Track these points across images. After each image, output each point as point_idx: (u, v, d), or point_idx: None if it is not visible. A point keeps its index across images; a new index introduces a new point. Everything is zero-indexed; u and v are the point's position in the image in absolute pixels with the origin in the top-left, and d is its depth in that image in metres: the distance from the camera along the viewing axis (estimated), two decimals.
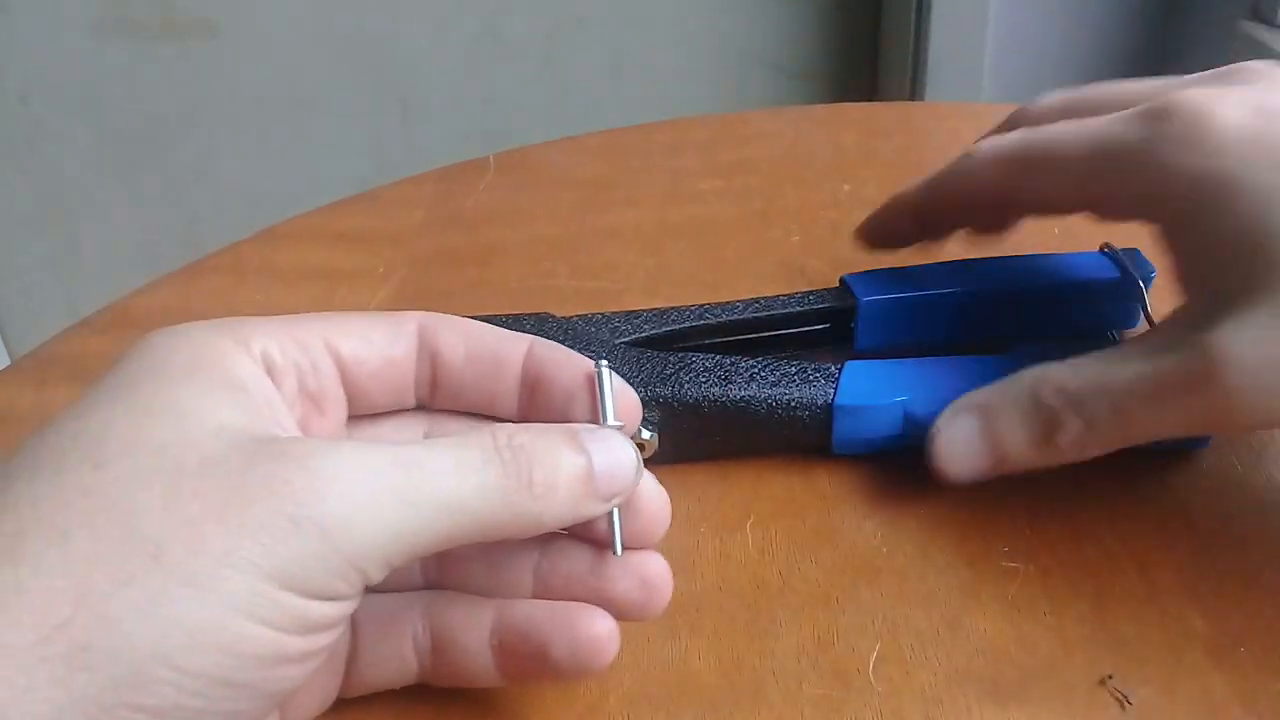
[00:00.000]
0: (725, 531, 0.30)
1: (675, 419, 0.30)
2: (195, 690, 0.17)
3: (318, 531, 0.18)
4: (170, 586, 0.17)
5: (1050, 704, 0.24)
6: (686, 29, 1.27)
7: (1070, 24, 1.19)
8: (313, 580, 0.18)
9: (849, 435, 0.30)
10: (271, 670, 0.18)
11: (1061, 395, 0.26)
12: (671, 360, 0.30)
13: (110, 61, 1.13)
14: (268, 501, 0.18)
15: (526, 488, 0.20)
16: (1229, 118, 0.24)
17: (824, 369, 0.30)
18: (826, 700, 0.25)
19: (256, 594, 0.17)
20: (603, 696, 0.25)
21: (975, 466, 0.27)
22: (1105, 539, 0.28)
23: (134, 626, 0.17)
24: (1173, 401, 0.24)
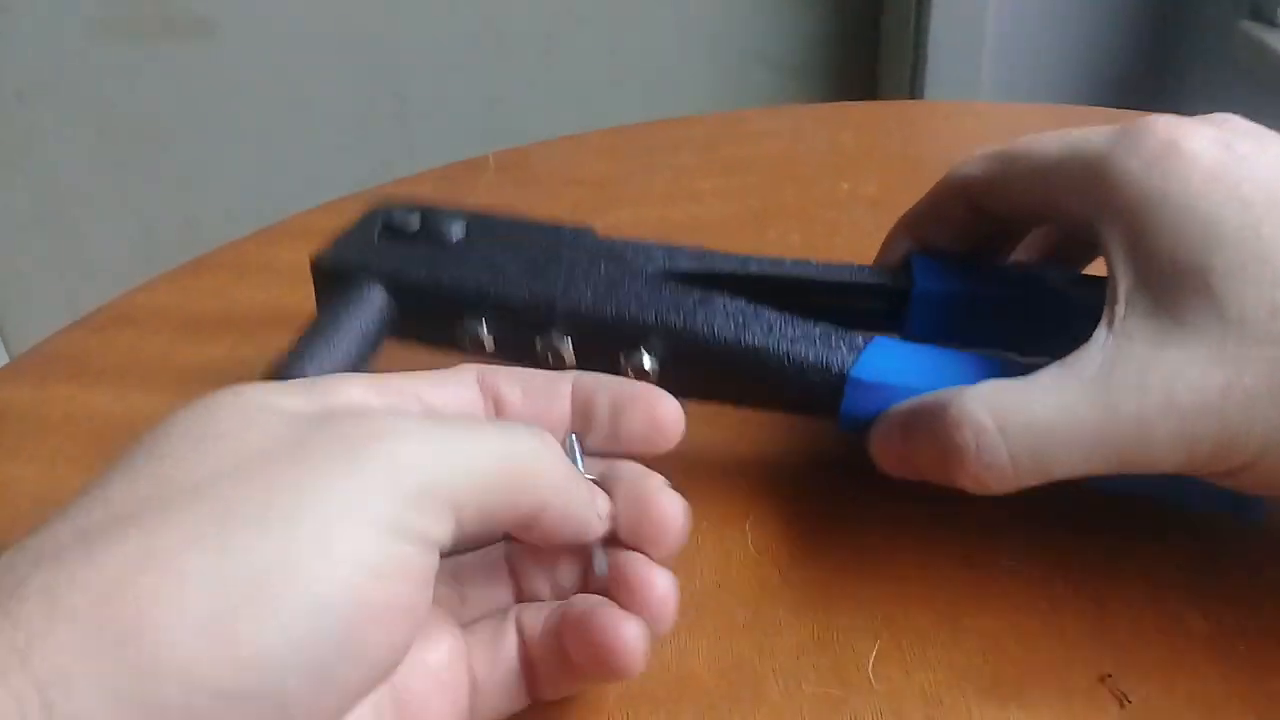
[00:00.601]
0: (725, 530, 0.30)
1: (681, 353, 0.28)
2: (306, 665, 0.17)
3: (390, 465, 0.18)
4: (240, 532, 0.17)
5: (1050, 703, 0.24)
6: (686, 28, 1.27)
7: (1070, 23, 1.19)
8: (402, 518, 0.18)
9: (859, 411, 0.27)
10: (360, 617, 0.17)
11: (969, 430, 0.24)
12: (695, 295, 0.28)
13: (109, 61, 1.13)
14: (343, 448, 0.18)
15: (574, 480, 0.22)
16: (1198, 148, 0.24)
17: (850, 338, 0.28)
18: (826, 699, 0.25)
19: (336, 530, 0.17)
20: (603, 696, 0.25)
21: (904, 472, 0.26)
22: (1105, 538, 0.28)
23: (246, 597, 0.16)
24: (1099, 448, 0.23)
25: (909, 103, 1.01)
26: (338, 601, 0.17)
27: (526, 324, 0.28)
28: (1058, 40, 1.20)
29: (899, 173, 0.48)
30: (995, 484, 0.24)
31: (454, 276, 0.28)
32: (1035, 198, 0.28)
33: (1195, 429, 0.22)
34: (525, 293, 0.28)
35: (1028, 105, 0.57)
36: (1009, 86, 1.20)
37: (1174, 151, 0.24)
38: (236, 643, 0.16)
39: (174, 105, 1.16)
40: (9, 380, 0.39)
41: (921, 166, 0.33)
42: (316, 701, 0.17)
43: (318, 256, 0.30)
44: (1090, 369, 0.23)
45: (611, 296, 0.28)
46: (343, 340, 0.27)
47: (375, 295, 0.28)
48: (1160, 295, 0.23)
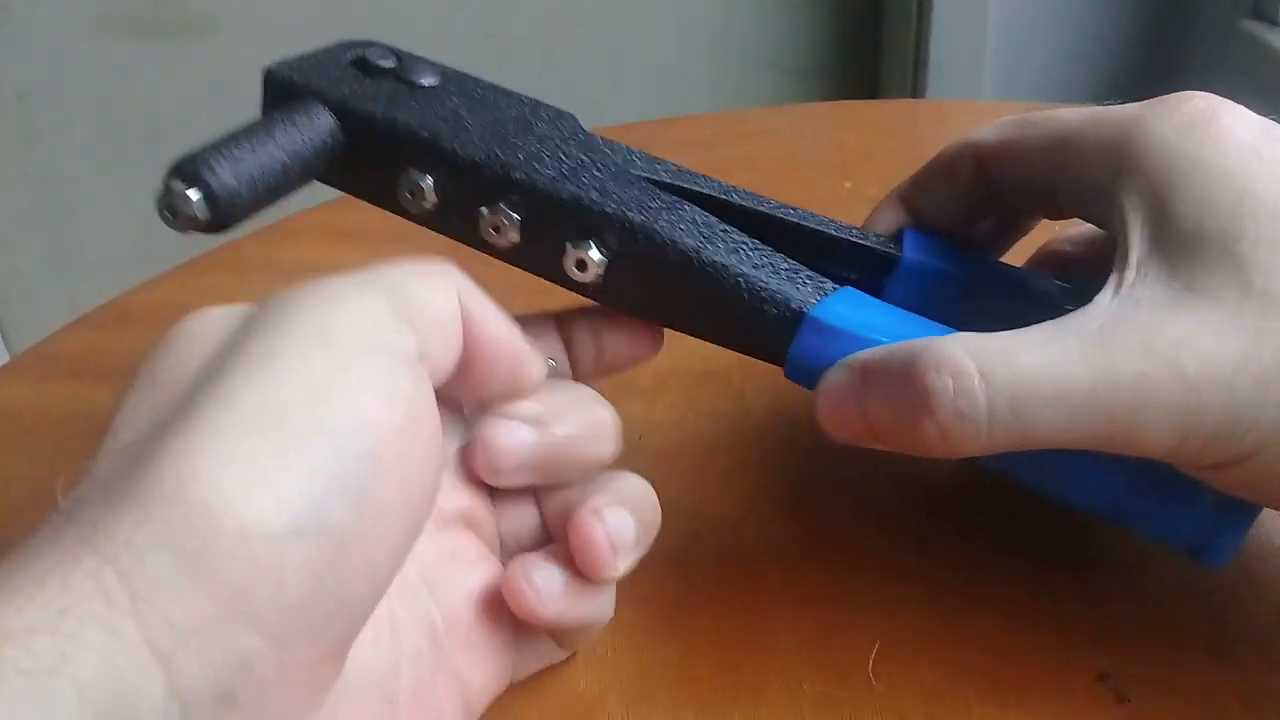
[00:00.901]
0: (726, 530, 0.30)
1: (634, 254, 0.25)
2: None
3: (364, 298, 0.20)
4: (244, 380, 0.18)
5: (1050, 702, 0.24)
6: (686, 28, 1.27)
7: (1070, 23, 1.19)
8: (391, 336, 0.20)
9: (810, 357, 0.25)
10: (379, 436, 0.18)
11: (946, 371, 0.21)
12: (663, 198, 0.26)
13: (110, 60, 1.13)
14: (312, 299, 0.20)
15: None
16: (1236, 121, 0.23)
17: (818, 279, 0.25)
18: (827, 699, 0.25)
19: (339, 359, 0.19)
20: (603, 696, 0.25)
21: (850, 432, 0.24)
22: (1105, 537, 0.28)
23: None
24: (1089, 411, 0.21)
25: (911, 102, 1.01)
26: (347, 421, 0.18)
27: (476, 189, 0.25)
28: (1059, 40, 1.20)
29: (901, 172, 0.48)
30: (963, 440, 0.22)
31: (411, 118, 0.26)
32: (1051, 162, 0.26)
33: (1199, 403, 0.20)
34: (483, 154, 0.25)
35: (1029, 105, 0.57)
36: (1010, 86, 1.20)
37: (1211, 120, 0.23)
38: (276, 484, 0.17)
39: (175, 104, 1.16)
40: (9, 379, 0.39)
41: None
42: (363, 527, 0.18)
43: (273, 66, 0.27)
44: (1090, 327, 0.22)
45: (574, 179, 0.25)
46: (269, 148, 0.25)
47: (321, 119, 0.26)
48: (1177, 262, 0.22)
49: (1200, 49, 1.14)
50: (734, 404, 0.35)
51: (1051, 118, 0.27)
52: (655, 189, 0.26)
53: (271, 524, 0.16)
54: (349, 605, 0.18)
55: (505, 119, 0.27)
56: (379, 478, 0.18)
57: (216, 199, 0.23)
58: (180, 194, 0.23)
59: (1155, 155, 0.23)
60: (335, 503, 0.17)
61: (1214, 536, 0.24)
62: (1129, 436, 0.21)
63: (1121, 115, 0.25)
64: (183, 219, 0.23)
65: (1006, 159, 0.28)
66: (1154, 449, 0.21)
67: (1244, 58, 1.05)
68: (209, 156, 0.23)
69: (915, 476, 0.31)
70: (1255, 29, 1.04)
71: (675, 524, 0.30)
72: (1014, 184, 0.28)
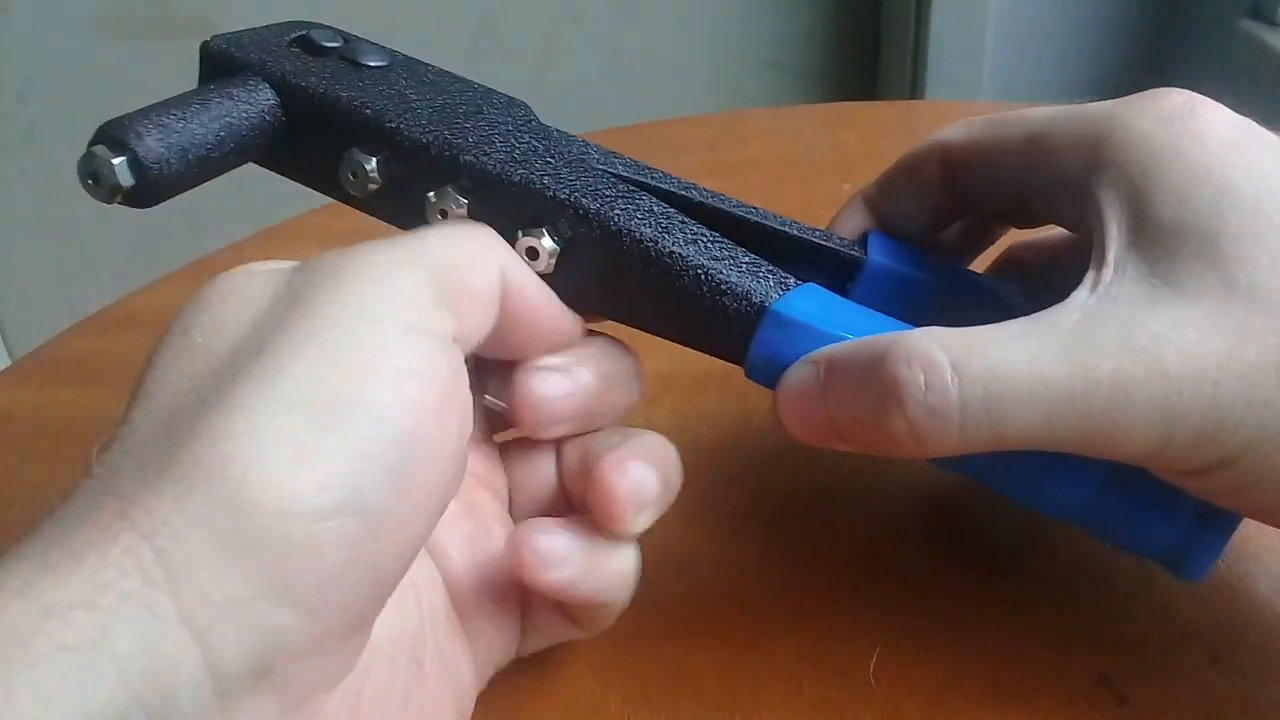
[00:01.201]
0: (726, 532, 0.30)
1: (587, 244, 0.24)
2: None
3: (394, 277, 0.20)
4: (285, 361, 0.18)
5: (1050, 704, 0.24)
6: (686, 28, 1.27)
7: (1070, 23, 1.19)
8: (419, 317, 0.19)
9: (772, 353, 0.24)
10: (412, 418, 0.18)
11: (917, 365, 0.20)
12: (619, 187, 0.24)
13: (110, 61, 1.13)
14: (346, 274, 0.20)
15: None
16: (1217, 117, 0.23)
17: (780, 274, 0.24)
18: (827, 701, 0.25)
19: (372, 340, 0.19)
20: (604, 698, 0.25)
21: (812, 431, 0.23)
22: None
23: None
24: (1066, 410, 0.20)
25: (910, 103, 1.01)
26: (388, 404, 0.18)
27: (423, 171, 0.24)
28: (1057, 41, 1.20)
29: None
30: (934, 438, 0.21)
31: (355, 96, 0.24)
32: (1022, 160, 0.26)
33: (1181, 401, 0.20)
34: (431, 135, 0.24)
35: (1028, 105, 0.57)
36: (1009, 86, 1.20)
37: (1189, 115, 0.23)
38: (317, 465, 0.17)
39: None
40: (10, 383, 0.39)
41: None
42: (399, 507, 0.18)
43: (209, 40, 0.26)
44: (1067, 322, 0.21)
45: (526, 164, 0.24)
46: (202, 119, 0.23)
47: (260, 94, 0.25)
48: (1157, 258, 0.21)
49: (1199, 49, 1.14)
50: (735, 407, 0.35)
51: (1022, 116, 0.26)
52: (612, 179, 0.25)
53: (310, 504, 0.17)
54: (380, 580, 0.18)
55: (455, 103, 0.26)
56: (416, 459, 0.18)
57: (143, 166, 0.22)
58: (104, 160, 0.22)
59: (1133, 149, 0.22)
60: (373, 484, 0.17)
61: (1191, 547, 0.23)
62: (1108, 437, 0.20)
63: (1096, 110, 0.24)
64: (106, 187, 0.22)
65: (975, 158, 0.27)
66: (1133, 451, 0.20)
67: (1243, 58, 1.05)
68: (136, 122, 0.22)
69: (916, 478, 0.31)
70: (1254, 29, 1.04)
71: (676, 527, 0.30)
72: (983, 185, 0.27)
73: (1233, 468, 0.20)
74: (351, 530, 0.17)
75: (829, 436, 0.23)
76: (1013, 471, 0.24)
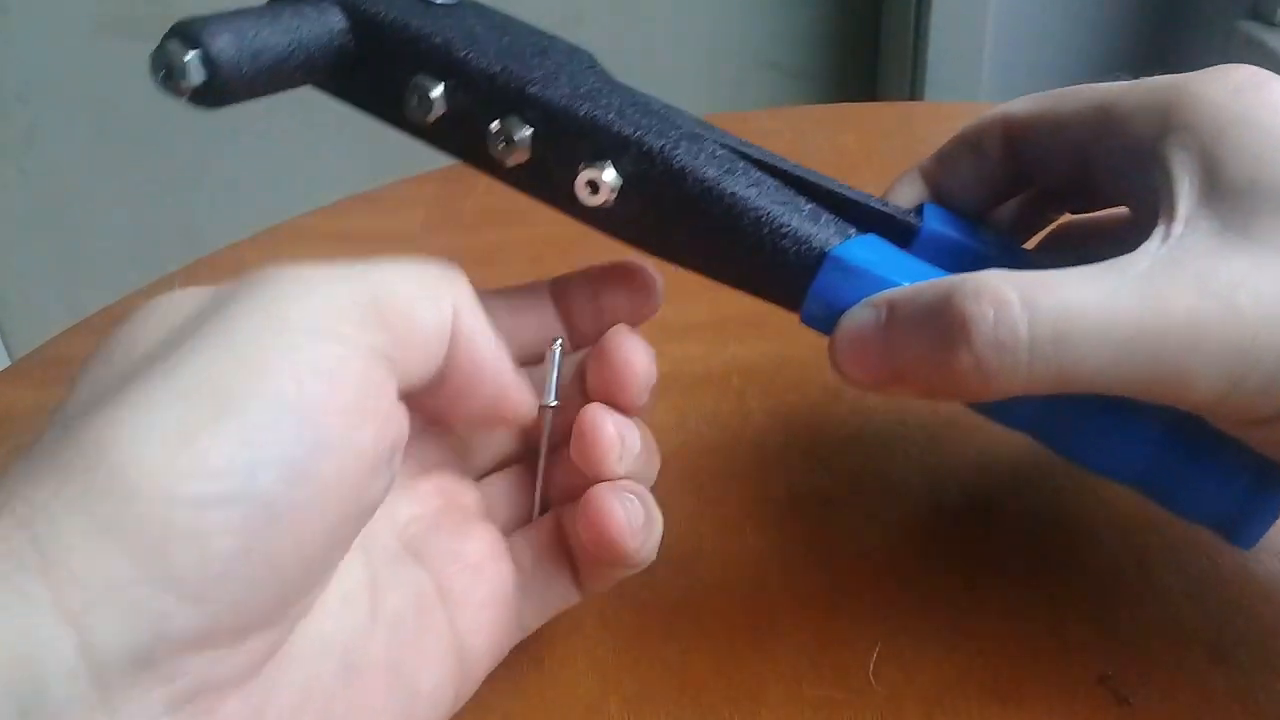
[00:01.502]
0: (726, 532, 0.30)
1: (650, 180, 0.24)
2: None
3: (309, 287, 0.19)
4: (188, 355, 0.18)
5: (1050, 704, 0.24)
6: (686, 29, 1.27)
7: (1070, 24, 1.19)
8: (326, 321, 0.19)
9: (828, 297, 0.24)
10: (313, 413, 0.18)
11: (986, 300, 0.20)
12: (683, 129, 0.25)
13: (110, 61, 1.13)
14: (262, 284, 0.20)
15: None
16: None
17: (841, 224, 0.24)
18: (827, 701, 0.25)
19: (274, 338, 0.18)
20: (603, 697, 0.25)
21: (870, 373, 0.23)
22: (1105, 539, 0.28)
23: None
24: (1136, 349, 0.20)
25: (910, 104, 1.01)
26: (288, 397, 0.18)
27: (488, 101, 0.24)
28: (1057, 42, 1.20)
29: (900, 174, 0.48)
30: (1000, 375, 0.20)
31: (425, 26, 0.25)
32: (1088, 129, 0.26)
33: (1254, 344, 0.20)
34: (498, 66, 0.24)
35: None
36: (1009, 87, 1.20)
37: (1260, 86, 0.23)
38: (204, 451, 0.16)
39: (174, 105, 1.16)
40: (11, 383, 0.39)
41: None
42: (298, 496, 0.17)
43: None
44: (1139, 267, 0.21)
45: (591, 100, 0.24)
46: (274, 29, 0.24)
47: (331, 16, 0.25)
48: (1230, 214, 0.21)
49: (1199, 50, 1.14)
50: (734, 406, 0.35)
51: (1088, 88, 0.26)
52: (674, 125, 0.25)
53: (194, 490, 0.16)
54: (280, 576, 0.18)
55: (522, 43, 0.26)
56: (317, 454, 0.18)
57: (215, 64, 0.22)
58: (177, 54, 0.22)
59: (1205, 114, 0.23)
60: (267, 473, 0.17)
61: (1247, 513, 0.23)
62: (1177, 379, 0.20)
63: (1166, 81, 0.24)
64: (176, 82, 0.22)
65: (1040, 129, 0.27)
66: (1201, 396, 0.20)
67: (1242, 58, 1.04)
68: (211, 22, 0.22)
69: (916, 478, 0.31)
70: (1254, 29, 1.04)
71: (675, 527, 0.30)
72: (1045, 156, 0.28)
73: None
74: (241, 520, 0.17)
75: (887, 379, 0.23)
76: (1070, 426, 0.24)
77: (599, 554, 0.23)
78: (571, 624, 0.27)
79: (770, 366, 0.36)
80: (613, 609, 0.28)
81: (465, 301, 0.22)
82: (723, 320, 0.39)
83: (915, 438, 0.33)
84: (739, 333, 0.38)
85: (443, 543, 0.24)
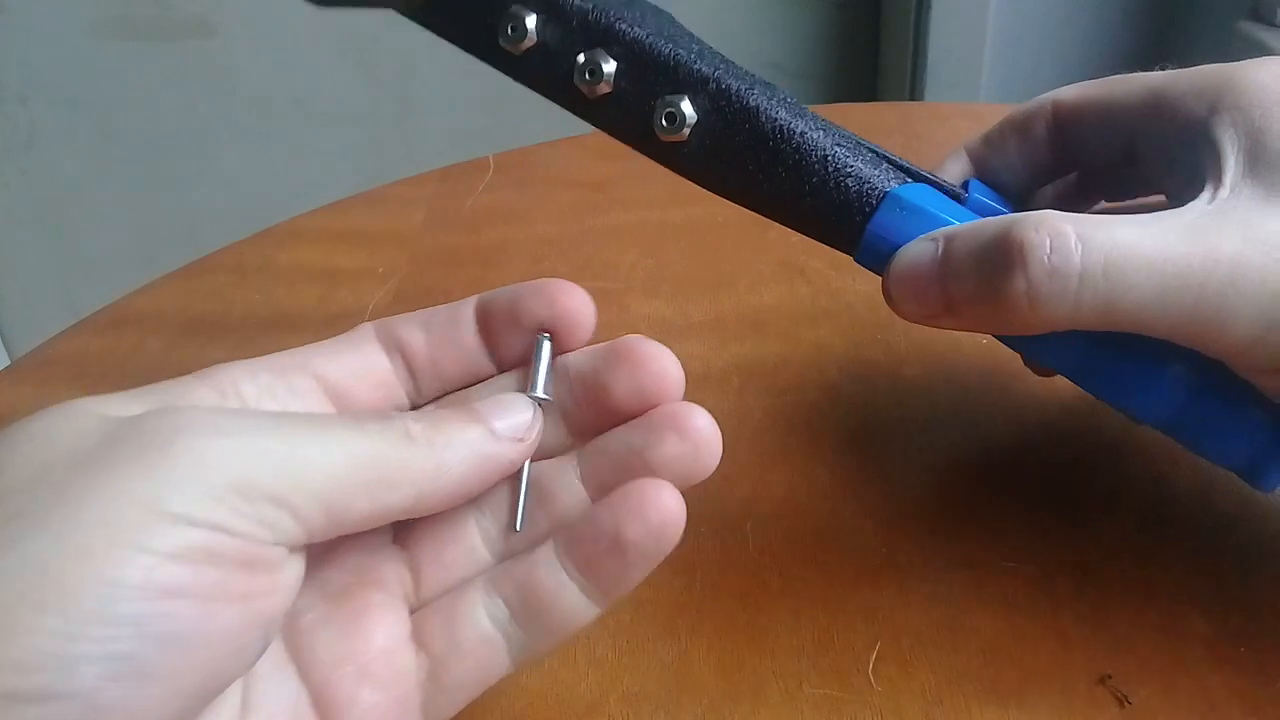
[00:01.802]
0: (726, 532, 0.30)
1: (726, 115, 0.26)
2: (74, 632, 0.16)
3: (193, 460, 0.18)
4: (27, 528, 0.16)
5: (1050, 704, 0.24)
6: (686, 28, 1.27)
7: (1070, 24, 1.19)
8: (193, 507, 0.17)
9: (886, 233, 0.25)
10: (160, 603, 0.17)
11: (1045, 230, 0.22)
12: (756, 77, 0.26)
13: (110, 61, 1.13)
14: (144, 444, 0.18)
15: (421, 441, 0.20)
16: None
17: (898, 172, 0.27)
18: (826, 701, 0.25)
19: (125, 518, 0.17)
20: (603, 697, 0.25)
21: (922, 304, 0.25)
22: (1105, 539, 0.28)
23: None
24: (1181, 286, 0.21)
25: (910, 104, 1.01)
26: (126, 587, 0.16)
27: (578, 33, 0.26)
28: (1057, 42, 1.20)
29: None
30: (1049, 302, 0.22)
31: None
32: (1141, 110, 0.27)
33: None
34: (590, 4, 0.26)
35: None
36: (1008, 89, 1.20)
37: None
38: (17, 642, 0.15)
39: (174, 105, 1.16)
40: (10, 382, 0.39)
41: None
42: (135, 696, 0.16)
43: None
44: (1187, 217, 0.22)
45: (674, 41, 0.26)
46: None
47: None
48: (1274, 183, 0.23)
49: (1198, 51, 1.14)
50: (734, 406, 0.35)
51: (1138, 76, 0.28)
52: (749, 72, 0.27)
53: (6, 683, 0.15)
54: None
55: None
56: (158, 647, 0.17)
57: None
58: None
59: (1254, 94, 0.24)
60: (90, 668, 0.16)
61: (1269, 457, 0.25)
62: (1215, 318, 0.22)
63: (1214, 67, 0.26)
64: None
65: (1089, 111, 0.29)
66: (1236, 338, 0.22)
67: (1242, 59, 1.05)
68: None
69: (916, 478, 0.31)
70: (1254, 30, 1.04)
71: None
72: (1093, 137, 0.29)
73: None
74: (58, 714, 0.16)
75: (939, 311, 0.24)
76: (1107, 366, 0.25)
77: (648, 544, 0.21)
78: None
79: (771, 366, 0.36)
80: (612, 609, 0.27)
81: (400, 462, 0.20)
82: (723, 320, 0.39)
83: (916, 437, 0.33)
84: (739, 332, 0.38)
85: (330, 644, 0.21)
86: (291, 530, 0.19)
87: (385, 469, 0.20)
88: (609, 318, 0.39)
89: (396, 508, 0.20)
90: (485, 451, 0.21)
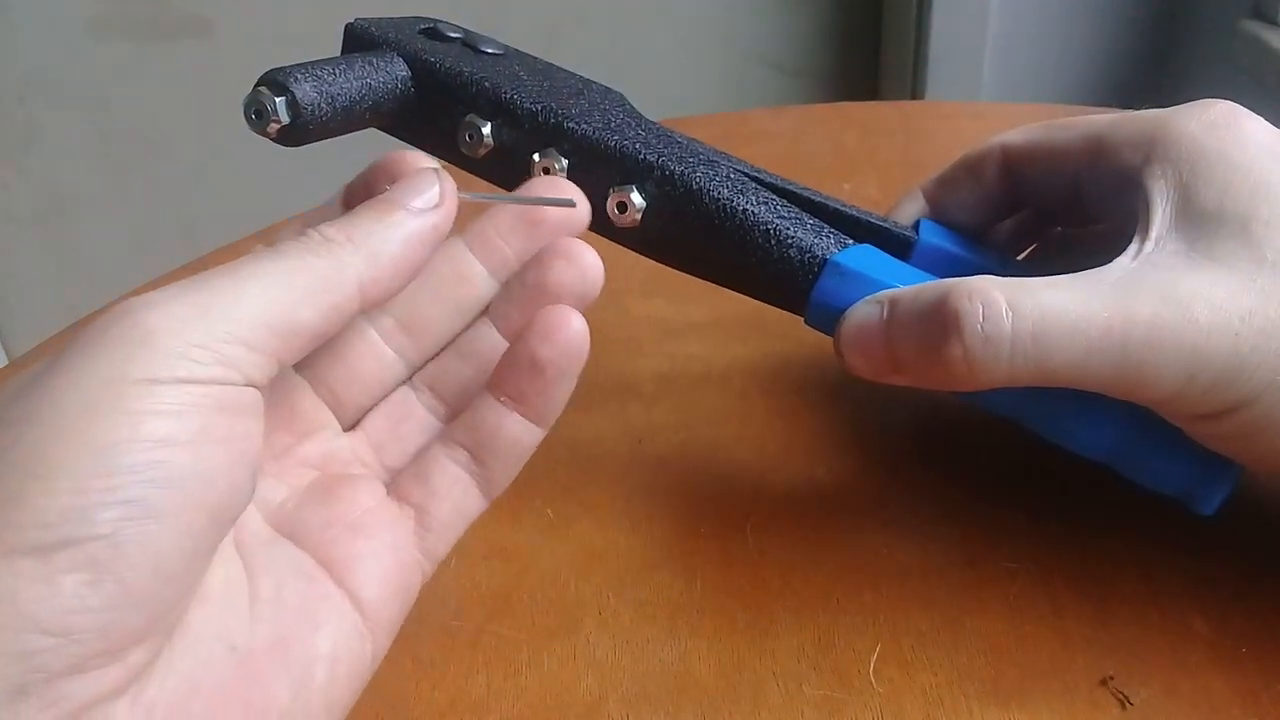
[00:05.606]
0: (726, 533, 0.30)
1: (672, 200, 0.27)
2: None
3: (139, 333, 0.19)
4: (7, 431, 0.18)
5: (1051, 704, 0.24)
6: (686, 28, 1.27)
7: (1070, 23, 1.19)
8: (157, 369, 0.18)
9: (830, 298, 0.27)
10: (153, 452, 0.18)
11: (977, 299, 0.23)
12: (701, 156, 0.28)
13: (109, 61, 1.13)
14: (82, 343, 0.19)
15: (341, 240, 0.22)
16: (1257, 127, 0.26)
17: (841, 236, 0.28)
18: (827, 701, 0.25)
19: (100, 396, 0.18)
20: (603, 697, 0.25)
21: (871, 363, 0.26)
22: (1106, 539, 0.28)
23: None
24: (1104, 347, 0.23)
25: (911, 103, 1.00)
26: (119, 443, 0.18)
27: (531, 135, 0.28)
28: (1059, 41, 1.20)
29: (901, 173, 0.48)
30: (984, 366, 0.23)
31: (476, 72, 0.28)
32: (1081, 157, 0.29)
33: (1207, 346, 0.22)
34: (539, 105, 0.28)
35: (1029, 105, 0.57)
36: (1010, 87, 1.20)
37: (1234, 124, 0.26)
38: (33, 504, 0.17)
39: (173, 105, 1.16)
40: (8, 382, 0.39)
41: (923, 167, 0.33)
42: (153, 533, 0.18)
43: (353, 22, 0.30)
44: (1111, 277, 0.24)
45: (620, 132, 0.28)
46: (348, 77, 0.27)
47: (396, 65, 0.28)
48: (1195, 238, 0.24)
49: (1200, 49, 1.14)
50: (735, 407, 0.35)
51: (1081, 120, 0.29)
52: (694, 152, 0.28)
53: (32, 539, 0.17)
54: (140, 597, 0.18)
55: (560, 85, 0.29)
56: (158, 487, 0.18)
57: (299, 107, 0.25)
58: (268, 98, 0.25)
59: (1184, 148, 0.26)
60: (105, 513, 0.17)
61: (1204, 482, 0.26)
62: (1138, 375, 0.23)
63: (1151, 115, 0.27)
64: (265, 122, 0.25)
65: (1035, 156, 0.31)
66: (1159, 391, 0.23)
67: (1243, 58, 1.04)
68: (295, 71, 0.26)
69: (917, 478, 0.31)
70: (1255, 29, 1.04)
71: (676, 526, 0.30)
72: (1039, 181, 0.31)
73: (1244, 412, 0.23)
74: (86, 557, 0.17)
75: (887, 369, 0.26)
76: (1047, 411, 0.27)
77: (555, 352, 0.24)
78: (571, 624, 0.27)
79: (772, 366, 0.36)
80: (612, 609, 0.27)
81: (329, 273, 0.21)
82: (724, 320, 0.39)
83: (917, 438, 0.33)
84: (741, 333, 0.38)
85: (315, 514, 0.24)
86: (253, 360, 0.20)
87: (316, 275, 0.21)
88: (609, 317, 0.39)
89: (345, 307, 0.21)
90: (411, 227, 0.23)
